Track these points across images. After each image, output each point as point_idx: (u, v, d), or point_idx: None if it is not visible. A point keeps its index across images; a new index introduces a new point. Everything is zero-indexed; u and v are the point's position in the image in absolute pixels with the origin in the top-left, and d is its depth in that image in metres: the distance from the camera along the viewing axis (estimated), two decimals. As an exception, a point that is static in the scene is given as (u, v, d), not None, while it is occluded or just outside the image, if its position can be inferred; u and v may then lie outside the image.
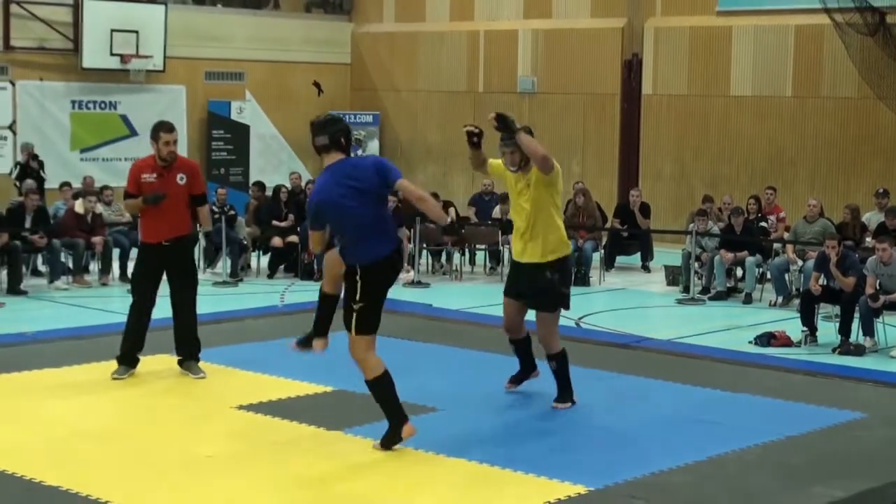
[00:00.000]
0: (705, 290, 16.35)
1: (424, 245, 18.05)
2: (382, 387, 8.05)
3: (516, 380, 9.74)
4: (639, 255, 18.98)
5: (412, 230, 17.43)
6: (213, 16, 24.05)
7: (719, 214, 17.87)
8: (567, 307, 9.28)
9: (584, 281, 17.23)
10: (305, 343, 8.50)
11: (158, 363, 10.51)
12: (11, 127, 21.22)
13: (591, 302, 15.79)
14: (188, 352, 10.24)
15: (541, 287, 9.07)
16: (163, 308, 10.24)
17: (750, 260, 16.03)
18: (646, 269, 18.74)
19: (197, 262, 10.90)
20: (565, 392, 9.30)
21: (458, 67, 24.06)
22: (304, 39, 24.89)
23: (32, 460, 7.64)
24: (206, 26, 23.61)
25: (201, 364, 10.22)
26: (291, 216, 18.16)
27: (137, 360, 10.22)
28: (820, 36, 19.96)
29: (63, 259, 16.74)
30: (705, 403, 9.62)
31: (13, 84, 21.22)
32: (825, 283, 13.45)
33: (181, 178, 10.04)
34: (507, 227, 12.18)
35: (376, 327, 8.06)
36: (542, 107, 22.93)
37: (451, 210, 18.45)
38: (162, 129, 9.99)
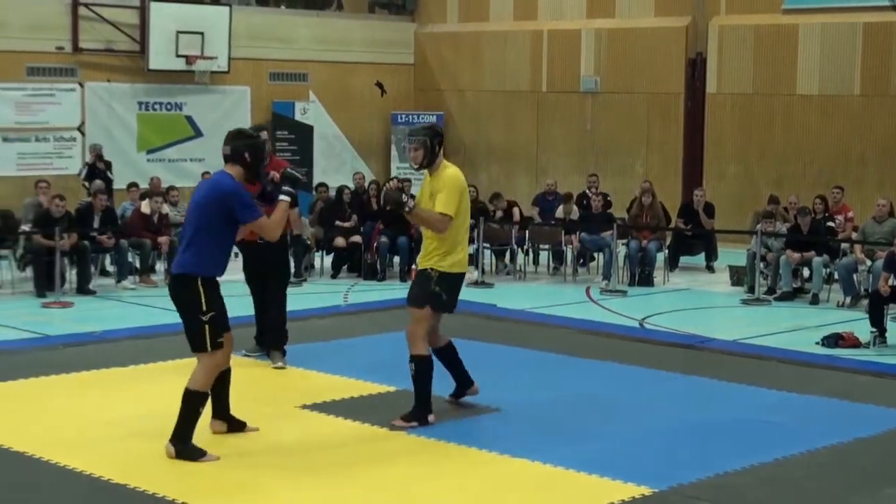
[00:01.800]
0: (771, 291, 16.20)
1: (488, 245, 18.02)
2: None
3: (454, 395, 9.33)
4: (703, 255, 18.85)
5: (477, 230, 17.42)
6: (277, 17, 24.17)
7: (785, 214, 17.70)
8: (441, 310, 8.82)
9: (647, 281, 17.15)
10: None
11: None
12: (80, 128, 21.45)
13: (655, 302, 15.71)
14: (274, 342, 10.63)
15: (420, 283, 8.82)
16: (243, 307, 10.34)
17: (817, 260, 15.86)
18: (710, 269, 18.60)
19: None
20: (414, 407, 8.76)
21: (521, 67, 24.02)
22: (368, 40, 24.95)
23: (99, 458, 7.70)
24: (270, 27, 23.73)
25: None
26: (355, 216, 18.20)
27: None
28: (888, 33, 19.72)
29: (130, 259, 16.89)
30: (771, 405, 9.54)
31: (82, 86, 21.45)
32: (895, 283, 13.28)
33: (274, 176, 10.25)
34: None
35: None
36: (606, 106, 22.84)
37: (515, 210, 18.44)
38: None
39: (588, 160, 22.84)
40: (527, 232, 18.49)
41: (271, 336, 10.72)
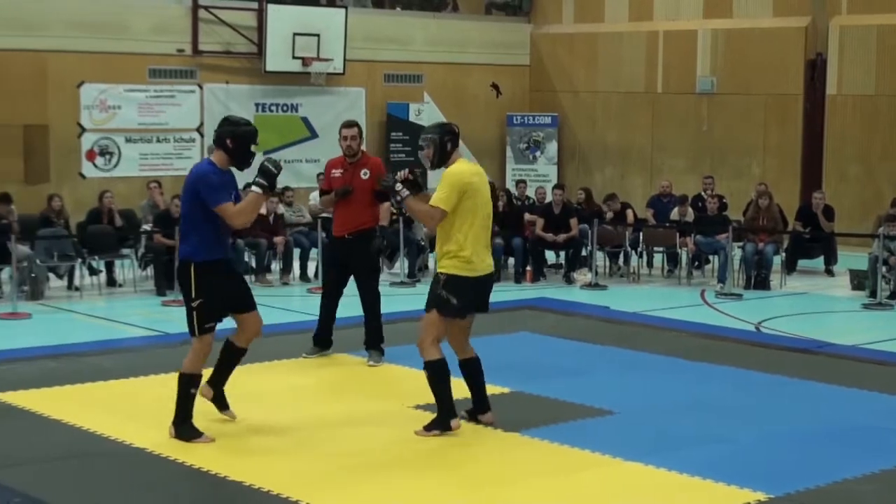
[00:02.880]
0: (893, 295, 15.87)
1: (601, 247, 17.92)
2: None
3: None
4: (822, 258, 18.53)
5: (590, 232, 17.33)
6: (393, 18, 24.30)
7: (908, 217, 17.34)
8: (450, 315, 8.44)
9: (764, 284, 16.90)
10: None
11: (338, 362, 10.66)
12: (199, 129, 21.78)
13: (772, 306, 15.47)
14: (371, 340, 10.68)
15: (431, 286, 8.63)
16: (351, 307, 10.40)
17: (940, 264, 15.52)
18: (829, 272, 18.27)
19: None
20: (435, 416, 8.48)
21: (636, 68, 23.85)
22: (483, 41, 24.97)
23: (218, 455, 7.80)
24: (385, 29, 23.86)
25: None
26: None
27: (329, 344, 10.84)
28: None
29: (246, 259, 17.09)
30: (891, 411, 9.34)
31: (201, 87, 21.78)
32: None
33: (365, 174, 10.58)
34: None
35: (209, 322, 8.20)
36: (722, 107, 22.57)
37: (629, 212, 18.29)
38: (343, 125, 10.86)
39: (703, 162, 22.60)
40: (641, 234, 18.36)
41: (370, 334, 10.72)
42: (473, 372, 8.64)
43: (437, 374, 8.36)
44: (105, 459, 7.73)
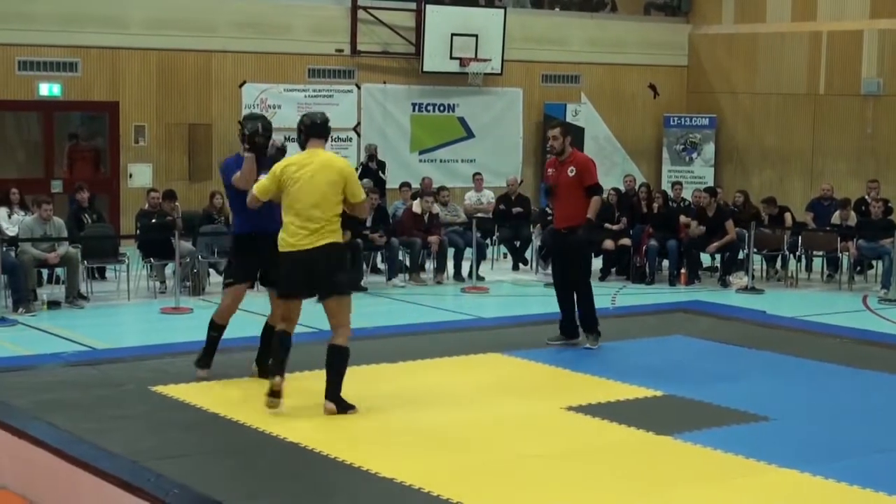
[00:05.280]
0: None
1: (758, 250, 17.64)
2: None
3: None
4: None
5: (747, 235, 17.07)
6: (551, 18, 24.25)
7: None
8: (276, 289, 9.23)
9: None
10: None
11: (493, 361, 10.67)
12: (356, 129, 22.04)
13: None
14: (588, 326, 11.18)
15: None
16: (496, 308, 10.39)
17: None
18: None
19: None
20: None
21: (798, 69, 23.41)
22: (641, 42, 24.78)
23: (368, 451, 7.86)
24: (543, 29, 23.84)
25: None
26: (624, 219, 18.10)
27: (576, 333, 11.31)
28: None
29: (400, 257, 17.24)
30: None
31: (358, 87, 22.04)
32: None
33: (571, 171, 11.04)
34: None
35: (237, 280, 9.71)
36: (888, 109, 22.02)
37: (787, 215, 17.97)
38: (549, 126, 11.82)
39: (867, 165, 22.08)
40: (800, 237, 18.03)
41: (585, 320, 11.22)
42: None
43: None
44: (260, 453, 7.85)
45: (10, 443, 7.95)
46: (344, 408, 8.75)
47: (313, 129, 8.95)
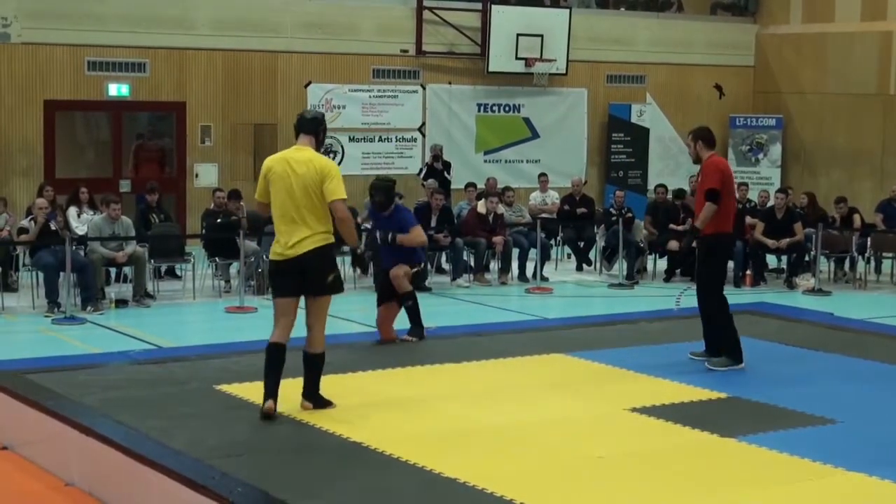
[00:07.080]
0: None
1: (825, 252, 17.45)
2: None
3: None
4: None
5: (815, 237, 16.90)
6: (616, 19, 24.16)
7: None
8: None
9: None
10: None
11: (556, 361, 10.65)
12: (421, 129, 22.08)
13: None
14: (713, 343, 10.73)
15: None
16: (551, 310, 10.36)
17: None
18: None
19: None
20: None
21: (868, 69, 23.13)
22: (707, 42, 24.62)
23: (430, 451, 7.86)
24: (608, 29, 23.75)
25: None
26: (689, 220, 17.96)
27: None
28: None
29: (465, 258, 17.23)
30: None
31: (424, 87, 22.07)
32: None
33: (700, 176, 10.81)
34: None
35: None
36: (959, 110, 21.77)
37: (856, 216, 17.79)
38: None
39: (938, 166, 21.82)
40: (868, 239, 17.82)
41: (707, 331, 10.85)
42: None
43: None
44: (323, 452, 7.88)
45: (79, 440, 8.04)
46: (322, 404, 8.79)
47: (301, 125, 8.96)
